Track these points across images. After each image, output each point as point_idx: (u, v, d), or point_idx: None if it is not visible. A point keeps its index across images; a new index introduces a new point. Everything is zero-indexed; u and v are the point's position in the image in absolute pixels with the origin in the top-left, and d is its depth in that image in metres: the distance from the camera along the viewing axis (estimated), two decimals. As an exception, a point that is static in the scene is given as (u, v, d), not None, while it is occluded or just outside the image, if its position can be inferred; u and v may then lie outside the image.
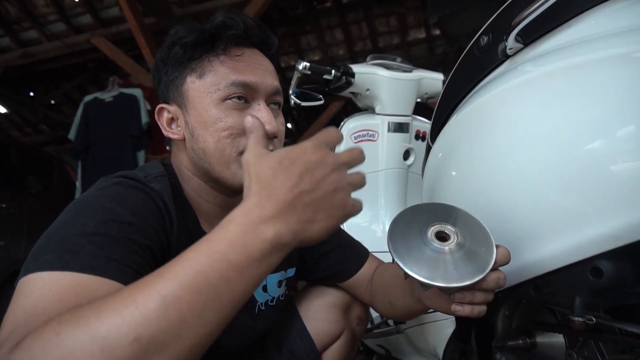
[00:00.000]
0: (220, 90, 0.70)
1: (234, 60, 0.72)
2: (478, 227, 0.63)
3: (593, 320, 0.57)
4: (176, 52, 0.73)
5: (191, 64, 0.72)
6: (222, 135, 0.70)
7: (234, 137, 0.70)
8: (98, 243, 0.54)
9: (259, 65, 0.74)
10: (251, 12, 4.28)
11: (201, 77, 0.71)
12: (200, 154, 0.72)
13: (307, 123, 7.64)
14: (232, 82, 0.70)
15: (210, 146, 0.70)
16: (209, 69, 0.71)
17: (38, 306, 0.47)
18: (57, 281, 0.50)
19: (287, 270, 0.92)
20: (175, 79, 0.74)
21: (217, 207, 0.78)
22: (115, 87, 3.82)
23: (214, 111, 0.70)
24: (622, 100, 0.54)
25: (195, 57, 0.72)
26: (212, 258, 0.46)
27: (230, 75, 0.70)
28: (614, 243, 0.53)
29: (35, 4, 5.14)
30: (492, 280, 0.59)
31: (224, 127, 0.69)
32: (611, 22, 0.60)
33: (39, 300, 0.48)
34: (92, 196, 0.62)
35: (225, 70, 0.71)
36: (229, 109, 0.70)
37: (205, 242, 0.48)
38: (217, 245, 0.47)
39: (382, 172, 1.51)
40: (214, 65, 0.71)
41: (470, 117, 0.75)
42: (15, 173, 3.18)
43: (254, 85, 0.71)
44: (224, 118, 0.70)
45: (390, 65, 1.50)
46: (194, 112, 0.72)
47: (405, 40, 6.38)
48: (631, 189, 0.52)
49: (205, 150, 0.71)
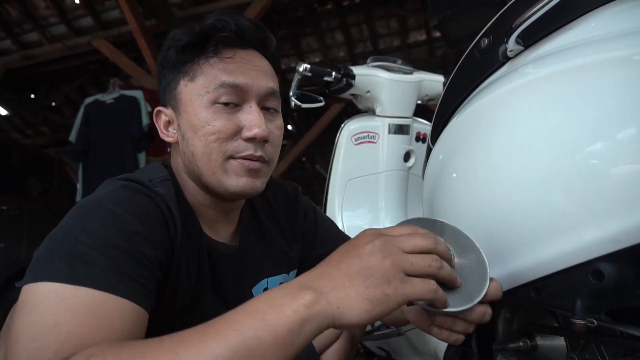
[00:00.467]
0: (210, 93, 0.69)
1: (225, 62, 0.70)
2: (474, 251, 0.60)
3: (594, 322, 0.57)
4: (170, 55, 0.73)
5: (184, 67, 0.72)
6: (209, 139, 0.69)
7: (221, 142, 0.69)
8: (109, 255, 0.55)
9: (252, 67, 0.72)
10: (251, 14, 4.30)
11: (193, 80, 0.71)
12: (190, 158, 0.71)
13: (307, 125, 7.65)
14: (221, 83, 0.69)
15: (199, 150, 0.70)
16: (199, 71, 0.70)
17: (60, 328, 0.49)
18: (72, 298, 0.51)
19: (289, 273, 0.92)
20: (170, 82, 0.74)
21: (214, 211, 0.77)
22: (116, 89, 3.83)
23: (203, 114, 0.69)
24: (622, 103, 0.54)
25: (188, 60, 0.72)
26: (251, 317, 0.47)
27: (219, 76, 0.69)
28: (615, 245, 0.53)
29: (36, 6, 5.15)
30: (478, 314, 0.56)
31: (212, 131, 0.68)
32: (612, 25, 0.60)
33: (59, 320, 0.49)
34: (98, 200, 0.62)
35: (215, 72, 0.70)
36: (218, 112, 0.69)
37: (250, 300, 0.50)
38: (258, 305, 0.49)
39: (382, 174, 1.51)
40: (204, 67, 0.70)
41: (471, 119, 0.75)
42: (16, 175, 3.18)
43: (244, 87, 0.70)
44: (212, 122, 0.68)
45: (390, 67, 1.51)
46: (185, 115, 0.71)
47: (405, 42, 6.39)
48: (632, 191, 0.52)
49: (195, 154, 0.70)
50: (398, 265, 0.50)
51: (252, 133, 0.69)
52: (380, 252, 0.50)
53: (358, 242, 0.53)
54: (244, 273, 0.83)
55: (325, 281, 0.50)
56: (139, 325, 0.56)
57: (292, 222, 0.94)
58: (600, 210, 0.54)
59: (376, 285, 0.49)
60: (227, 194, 0.71)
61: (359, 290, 0.49)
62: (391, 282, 0.49)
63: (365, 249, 0.51)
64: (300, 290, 0.49)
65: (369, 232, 0.54)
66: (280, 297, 0.49)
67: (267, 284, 0.87)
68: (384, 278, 0.49)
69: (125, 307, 0.54)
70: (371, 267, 0.49)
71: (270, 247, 0.88)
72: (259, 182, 0.72)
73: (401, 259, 0.50)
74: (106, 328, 0.51)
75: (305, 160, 9.73)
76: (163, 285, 0.66)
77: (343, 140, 1.48)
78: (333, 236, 0.99)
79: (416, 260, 0.51)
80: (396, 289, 0.49)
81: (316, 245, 0.96)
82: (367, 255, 0.50)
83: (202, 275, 0.74)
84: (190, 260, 0.71)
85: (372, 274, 0.49)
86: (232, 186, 0.70)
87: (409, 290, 0.49)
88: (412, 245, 0.52)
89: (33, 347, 0.48)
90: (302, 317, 0.47)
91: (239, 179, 0.70)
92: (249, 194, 0.72)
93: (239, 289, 0.82)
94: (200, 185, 0.74)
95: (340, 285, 0.49)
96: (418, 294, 0.50)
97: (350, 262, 0.51)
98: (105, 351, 0.46)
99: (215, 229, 0.79)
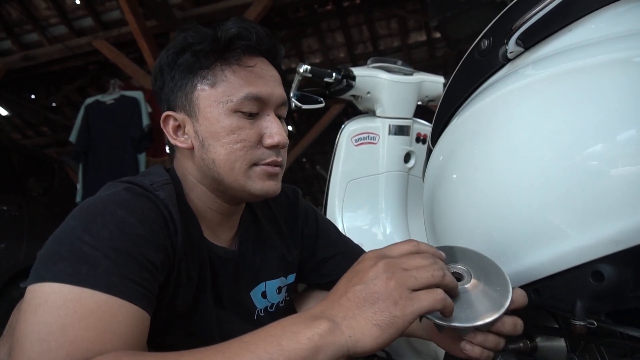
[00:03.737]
0: (233, 102, 0.70)
1: (247, 71, 0.71)
2: (492, 266, 0.61)
3: (594, 324, 0.57)
4: (187, 59, 0.72)
5: (202, 72, 0.72)
6: (235, 147, 0.70)
7: (246, 150, 0.71)
8: (112, 257, 0.56)
9: (270, 77, 0.74)
10: (252, 15, 4.30)
11: (213, 85, 0.71)
12: (210, 164, 0.72)
13: (307, 125, 7.65)
14: (246, 95, 0.70)
15: (222, 157, 0.70)
16: (221, 78, 0.71)
17: (68, 331, 0.50)
18: (78, 300, 0.52)
19: (287, 276, 0.92)
20: (184, 86, 0.73)
21: (219, 215, 0.78)
22: (117, 90, 3.84)
23: (226, 122, 0.70)
24: (623, 105, 0.54)
25: (207, 65, 0.71)
26: (266, 341, 0.48)
27: (243, 87, 0.70)
28: (615, 247, 0.53)
29: (37, 7, 5.16)
30: (509, 324, 0.56)
31: (237, 139, 0.70)
32: (612, 27, 0.61)
33: (66, 322, 0.50)
34: (102, 201, 0.62)
35: (239, 81, 0.70)
36: (241, 120, 0.70)
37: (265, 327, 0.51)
38: (273, 331, 0.49)
39: (382, 175, 1.51)
40: (226, 74, 0.71)
41: (471, 120, 0.75)
42: (17, 175, 3.18)
43: (266, 98, 0.72)
44: (237, 130, 0.70)
45: (391, 68, 1.50)
46: (205, 122, 0.71)
47: (406, 43, 6.39)
48: (632, 192, 0.52)
49: (216, 161, 0.71)
50: (403, 284, 0.50)
51: (274, 141, 0.72)
52: (385, 273, 0.51)
53: (362, 268, 0.54)
54: (242, 276, 0.83)
55: (336, 310, 0.51)
56: (142, 328, 0.57)
57: (291, 226, 0.94)
58: (600, 211, 0.54)
59: (384, 309, 0.49)
60: (250, 197, 0.75)
61: (368, 317, 0.49)
62: (398, 303, 0.49)
63: (369, 274, 0.52)
64: (315, 319, 0.50)
65: (371, 255, 0.55)
66: (294, 325, 0.50)
67: (264, 287, 0.87)
68: (390, 300, 0.49)
69: (129, 310, 0.54)
70: (376, 292, 0.50)
71: (269, 251, 0.88)
72: (279, 185, 0.77)
73: (404, 276, 0.51)
74: (112, 332, 0.52)
75: (306, 160, 9.74)
76: (164, 289, 0.66)
77: (343, 141, 1.48)
78: (334, 240, 0.99)
79: (419, 273, 0.51)
80: (404, 308, 0.49)
81: (318, 250, 0.96)
82: (371, 279, 0.51)
83: (202, 279, 0.74)
84: (190, 264, 0.71)
85: (379, 298, 0.50)
86: (257, 190, 0.73)
87: (416, 305, 0.50)
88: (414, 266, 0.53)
89: (42, 349, 0.49)
90: (316, 346, 0.47)
91: (264, 183, 0.73)
92: (271, 195, 0.76)
93: (237, 292, 0.82)
94: (213, 190, 0.75)
95: (350, 314, 0.50)
96: (427, 306, 0.50)
97: (357, 289, 0.51)
98: None
99: (216, 232, 0.79)
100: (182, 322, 0.72)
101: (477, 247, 0.65)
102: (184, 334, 0.74)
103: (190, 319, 0.73)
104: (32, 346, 0.49)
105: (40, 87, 6.76)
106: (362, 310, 0.50)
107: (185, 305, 0.71)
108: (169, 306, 0.68)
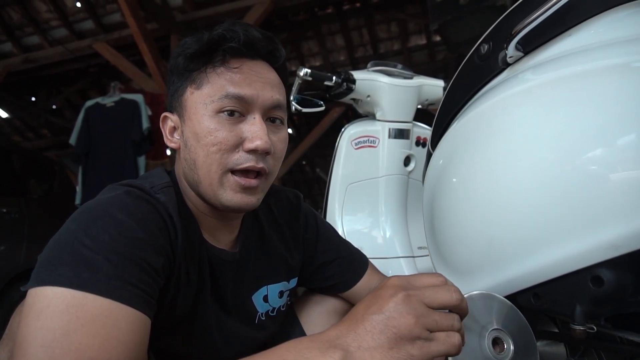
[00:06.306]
0: (215, 102, 0.69)
1: (232, 72, 0.70)
2: (532, 346, 0.60)
3: (594, 328, 0.57)
4: (179, 63, 0.73)
5: (192, 75, 0.72)
6: (211, 150, 0.69)
7: (222, 153, 0.69)
8: (113, 262, 0.56)
9: (259, 78, 0.72)
10: (252, 18, 4.31)
11: (199, 88, 0.71)
12: (192, 165, 0.71)
13: (307, 128, 7.65)
14: (226, 94, 0.69)
15: (200, 159, 0.70)
16: (206, 80, 0.71)
17: (71, 337, 0.50)
18: (80, 306, 0.52)
19: (289, 281, 0.92)
20: (178, 89, 0.74)
21: (214, 220, 0.77)
22: (117, 92, 3.84)
23: (207, 123, 0.69)
24: (622, 110, 0.54)
25: (195, 68, 0.72)
26: None
27: (224, 87, 0.69)
28: (615, 252, 0.53)
29: (37, 10, 5.17)
30: None
31: (214, 141, 0.68)
32: (611, 32, 0.61)
33: (69, 328, 0.50)
34: (102, 205, 0.62)
35: (221, 82, 0.70)
36: (222, 122, 0.69)
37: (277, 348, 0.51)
38: (286, 355, 0.49)
39: (382, 179, 1.51)
40: (210, 76, 0.70)
41: (471, 124, 0.76)
42: (17, 178, 3.18)
43: (249, 99, 0.70)
44: (215, 132, 0.68)
45: (391, 71, 1.51)
46: (190, 123, 0.71)
47: (406, 47, 6.40)
48: (631, 197, 0.52)
49: (196, 162, 0.70)
50: (423, 324, 0.49)
51: (253, 145, 0.69)
52: (405, 308, 0.49)
53: (381, 294, 0.52)
54: (244, 280, 0.82)
55: (351, 339, 0.50)
56: (143, 333, 0.56)
57: (293, 230, 0.93)
58: (600, 216, 0.54)
59: (400, 346, 0.48)
60: (221, 207, 0.72)
61: (384, 352, 0.48)
62: (416, 342, 0.48)
63: (389, 304, 0.50)
64: (330, 347, 0.49)
65: (393, 282, 0.53)
66: (309, 350, 0.49)
67: (267, 291, 0.87)
68: (408, 337, 0.48)
69: (131, 315, 0.54)
70: (395, 326, 0.49)
71: (271, 255, 0.88)
72: (254, 199, 0.72)
73: (426, 317, 0.49)
74: (115, 338, 0.52)
75: (306, 163, 9.74)
76: (164, 292, 0.66)
77: (343, 144, 1.48)
78: (334, 244, 0.98)
79: (440, 319, 0.50)
80: (421, 348, 0.48)
81: (318, 254, 0.95)
82: (390, 311, 0.49)
83: (202, 282, 0.74)
84: (190, 267, 0.71)
85: (396, 333, 0.48)
86: (227, 200, 0.70)
87: (434, 348, 0.49)
88: (438, 302, 0.51)
89: (45, 355, 0.48)
90: None
91: (234, 195, 0.70)
92: (243, 209, 0.73)
93: (239, 295, 0.82)
94: (197, 194, 0.74)
95: (365, 345, 0.49)
96: (443, 350, 0.49)
97: (374, 318, 0.50)
98: None
99: (216, 236, 0.79)
100: (182, 325, 0.72)
101: (477, 251, 0.65)
102: (185, 337, 0.73)
103: (190, 322, 0.73)
104: (36, 352, 0.49)
105: (41, 90, 6.77)
106: (378, 344, 0.49)
107: (186, 308, 0.71)
108: (169, 309, 0.68)
